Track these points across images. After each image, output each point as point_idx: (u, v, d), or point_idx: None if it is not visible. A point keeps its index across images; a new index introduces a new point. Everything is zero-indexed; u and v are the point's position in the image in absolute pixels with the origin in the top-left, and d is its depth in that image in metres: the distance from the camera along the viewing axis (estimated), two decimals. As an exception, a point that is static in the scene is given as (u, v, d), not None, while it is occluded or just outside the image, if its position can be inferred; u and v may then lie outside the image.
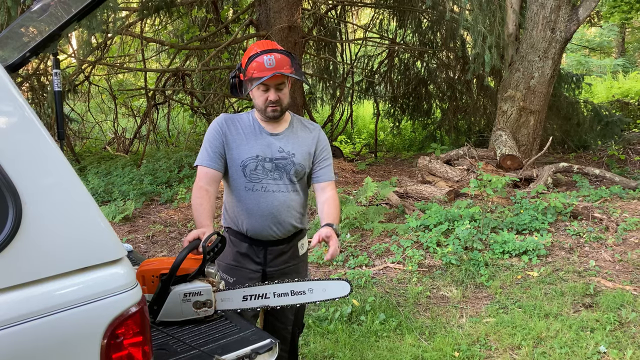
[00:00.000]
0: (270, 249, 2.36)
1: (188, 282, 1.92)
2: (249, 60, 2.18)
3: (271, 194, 2.29)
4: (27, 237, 1.23)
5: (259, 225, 2.29)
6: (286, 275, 2.38)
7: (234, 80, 2.31)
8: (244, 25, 9.84)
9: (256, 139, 2.29)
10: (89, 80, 10.57)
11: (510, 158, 6.44)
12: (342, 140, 11.95)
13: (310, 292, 1.96)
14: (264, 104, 2.23)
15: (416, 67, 11.55)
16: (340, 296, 2.01)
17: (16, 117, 1.29)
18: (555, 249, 4.54)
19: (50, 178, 1.30)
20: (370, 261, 4.58)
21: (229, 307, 1.94)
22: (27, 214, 1.23)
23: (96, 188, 7.50)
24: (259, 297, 1.94)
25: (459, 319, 3.64)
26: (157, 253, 5.40)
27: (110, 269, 1.35)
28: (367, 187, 5.47)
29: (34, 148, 1.29)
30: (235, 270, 2.36)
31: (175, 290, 1.89)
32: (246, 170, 2.26)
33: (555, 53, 6.71)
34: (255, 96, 2.25)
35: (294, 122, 2.41)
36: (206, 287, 1.90)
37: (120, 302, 1.34)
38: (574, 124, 8.67)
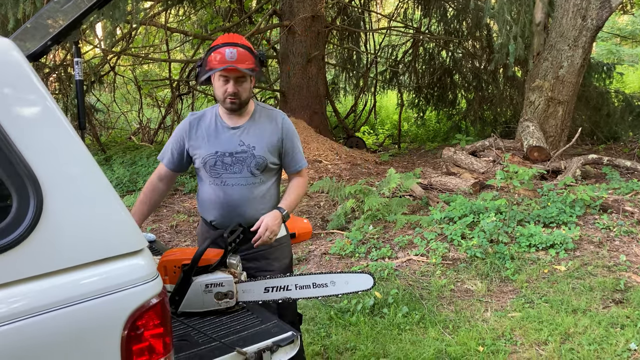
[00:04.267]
0: None
1: (210, 273, 1.91)
2: (210, 50, 2.22)
3: (230, 188, 2.33)
4: (48, 227, 1.23)
5: (222, 217, 2.36)
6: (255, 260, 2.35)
7: (199, 68, 2.30)
8: (267, 15, 9.83)
9: (217, 136, 2.34)
10: (115, 70, 10.68)
11: (538, 149, 6.30)
12: (365, 131, 11.86)
13: (333, 284, 1.94)
14: (223, 95, 2.27)
15: (441, 56, 11.39)
16: (363, 289, 1.98)
17: (38, 107, 1.29)
18: (583, 242, 4.43)
19: (71, 168, 1.29)
20: (393, 253, 4.53)
21: (251, 299, 1.93)
22: (48, 204, 1.23)
23: (121, 177, 7.59)
24: (280, 289, 1.93)
25: (483, 313, 3.58)
26: (180, 243, 5.44)
27: (131, 260, 1.34)
28: (390, 179, 5.41)
29: (55, 138, 1.28)
30: None
31: (196, 281, 1.89)
32: (206, 167, 2.33)
33: (586, 42, 6.52)
34: (215, 87, 2.28)
35: (256, 113, 2.40)
36: (228, 278, 1.89)
37: (141, 293, 1.33)
38: (604, 114, 8.45)
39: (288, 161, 2.45)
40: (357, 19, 11.22)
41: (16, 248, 1.19)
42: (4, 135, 1.20)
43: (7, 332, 1.17)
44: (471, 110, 10.93)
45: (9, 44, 1.29)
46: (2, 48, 1.27)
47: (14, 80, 1.26)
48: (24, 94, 1.27)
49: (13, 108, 1.24)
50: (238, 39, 2.24)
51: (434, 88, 11.45)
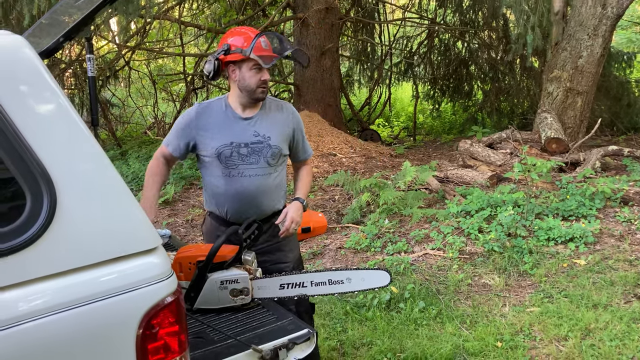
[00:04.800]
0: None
1: (225, 269, 1.90)
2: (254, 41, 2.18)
3: (248, 179, 2.31)
4: (61, 226, 1.21)
5: (238, 209, 2.32)
6: (269, 253, 2.38)
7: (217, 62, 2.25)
8: (281, 8, 9.78)
9: (230, 126, 2.31)
10: (129, 65, 10.72)
11: (556, 141, 6.20)
12: (380, 123, 11.78)
13: (349, 281, 1.92)
14: (256, 84, 2.26)
15: (457, 47, 11.25)
16: (380, 286, 1.96)
17: (50, 104, 1.27)
18: (604, 236, 4.35)
19: (84, 166, 1.28)
20: (409, 247, 4.50)
21: (266, 296, 1.91)
22: (62, 202, 1.22)
23: (137, 172, 7.63)
24: (296, 286, 1.91)
25: (501, 308, 3.54)
26: (196, 237, 5.45)
27: (146, 258, 1.33)
28: (406, 172, 5.36)
29: (68, 136, 1.27)
30: None
31: (212, 277, 1.88)
32: (221, 158, 2.29)
33: (606, 30, 6.38)
34: (246, 77, 2.26)
35: (266, 104, 2.41)
36: (243, 274, 1.88)
37: (156, 291, 1.32)
38: (624, 105, 8.29)
39: (299, 150, 2.49)
40: (372, 10, 11.11)
41: (30, 247, 1.18)
42: (16, 133, 1.19)
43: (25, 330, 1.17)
44: (487, 101, 10.79)
45: (21, 41, 1.28)
46: (14, 45, 1.26)
47: (26, 77, 1.25)
48: (36, 92, 1.26)
49: (25, 106, 1.23)
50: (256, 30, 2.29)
51: (450, 79, 11.32)
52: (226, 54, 2.23)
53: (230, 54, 2.22)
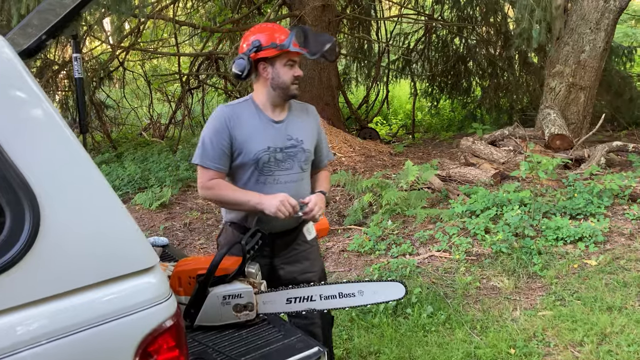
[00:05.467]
0: (277, 241, 2.25)
1: (227, 283, 1.77)
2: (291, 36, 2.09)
3: (283, 185, 2.18)
4: (46, 245, 1.08)
5: (270, 218, 2.14)
6: (297, 262, 2.29)
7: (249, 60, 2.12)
8: (277, 6, 9.63)
9: (265, 129, 2.17)
10: (124, 66, 10.57)
11: (560, 137, 6.09)
12: (378, 121, 11.65)
13: (360, 294, 1.79)
14: (291, 80, 2.16)
15: (454, 43, 11.13)
16: (394, 299, 1.83)
17: (32, 108, 1.14)
18: (613, 235, 4.24)
19: (71, 178, 1.14)
20: (414, 249, 4.37)
21: (272, 311, 1.79)
22: (46, 219, 1.09)
23: (133, 175, 7.48)
24: (304, 300, 1.78)
25: (512, 312, 3.42)
26: (194, 241, 5.32)
27: (141, 278, 1.20)
28: (409, 171, 5.23)
29: (52, 145, 1.13)
30: None
31: (213, 292, 1.75)
32: (259, 164, 2.15)
33: (608, 24, 6.26)
34: (281, 73, 2.15)
35: (292, 107, 2.30)
36: (247, 288, 1.75)
37: (153, 315, 1.19)
38: (626, 99, 8.18)
39: (322, 154, 2.40)
40: (368, 7, 10.98)
41: (11, 271, 1.05)
42: (-7, 142, 1.06)
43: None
44: (486, 98, 10.69)
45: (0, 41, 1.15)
46: (-10, 44, 1.13)
47: (4, 79, 1.11)
48: (16, 95, 1.12)
49: (3, 110, 1.10)
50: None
51: (448, 76, 11.21)
52: (258, 51, 2.10)
53: (262, 51, 2.10)
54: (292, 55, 2.13)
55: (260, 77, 2.17)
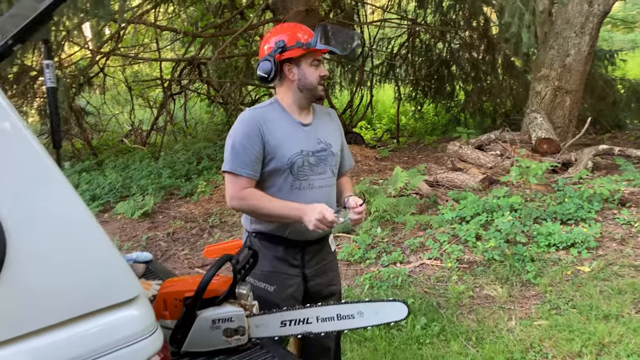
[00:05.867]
0: (307, 249, 2.14)
1: (217, 306, 1.64)
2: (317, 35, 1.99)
3: (318, 190, 2.08)
4: (13, 277, 0.96)
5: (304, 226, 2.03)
6: (324, 274, 2.21)
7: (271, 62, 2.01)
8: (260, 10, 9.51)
9: (296, 133, 2.05)
10: (104, 72, 10.35)
11: (547, 141, 6.06)
12: (363, 126, 11.59)
13: (360, 315, 1.68)
14: (317, 80, 2.06)
15: (438, 48, 11.12)
16: (396, 320, 1.73)
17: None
18: (605, 240, 4.19)
19: (41, 200, 1.02)
20: (404, 257, 4.28)
21: (265, 334, 1.67)
22: (13, 247, 0.96)
23: (114, 183, 7.30)
24: (299, 322, 1.67)
25: (507, 322, 3.34)
26: (178, 251, 5.17)
27: (123, 311, 1.08)
28: (397, 177, 5.15)
29: (20, 162, 1.01)
30: (273, 276, 2.10)
31: (202, 316, 1.62)
32: (294, 168, 2.03)
33: (593, 28, 6.27)
34: (307, 74, 2.04)
35: (316, 110, 2.19)
36: (238, 311, 1.63)
37: (137, 353, 1.07)
38: (609, 102, 8.21)
39: (345, 159, 2.29)
40: (351, 12, 10.92)
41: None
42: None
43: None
44: (470, 101, 10.69)
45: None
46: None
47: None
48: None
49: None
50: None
51: (432, 80, 11.19)
52: (283, 52, 1.99)
53: (287, 51, 1.99)
54: (318, 54, 2.03)
55: (285, 79, 2.06)
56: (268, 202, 1.98)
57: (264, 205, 1.97)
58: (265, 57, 2.02)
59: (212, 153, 8.54)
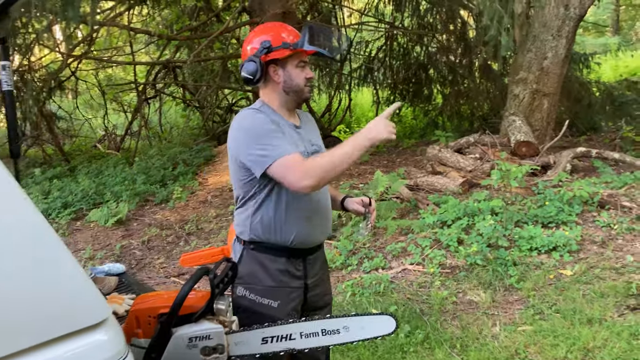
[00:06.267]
0: (308, 258, 2.05)
1: (193, 322, 1.54)
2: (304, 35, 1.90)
3: (323, 193, 2.03)
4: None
5: (310, 232, 1.98)
6: (322, 283, 2.14)
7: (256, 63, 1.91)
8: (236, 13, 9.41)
9: (291, 135, 1.96)
10: (76, 75, 10.11)
11: (526, 144, 6.07)
12: (341, 129, 11.53)
13: (346, 330, 1.60)
14: (304, 82, 1.98)
15: (415, 51, 11.14)
16: (383, 334, 1.65)
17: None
18: (586, 243, 4.18)
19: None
20: (386, 263, 4.22)
21: (246, 352, 1.57)
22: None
23: (87, 189, 7.10)
24: (282, 339, 1.57)
25: (491, 328, 3.29)
26: (153, 260, 5.02)
27: (90, 336, 0.97)
28: (378, 182, 5.09)
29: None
30: (277, 291, 1.97)
31: (178, 334, 1.52)
32: None
33: (569, 31, 6.31)
34: (293, 76, 1.95)
35: (298, 113, 2.12)
36: (216, 328, 1.53)
37: (105, 382, 0.97)
38: (585, 105, 8.30)
39: None
40: (329, 15, 10.88)
41: None
42: None
43: None
44: (447, 105, 10.71)
45: None
46: None
47: None
48: None
49: None
50: None
51: (409, 84, 11.19)
52: (268, 52, 1.89)
53: (273, 52, 1.89)
54: (303, 56, 1.95)
55: (270, 81, 1.97)
56: (332, 154, 1.77)
57: (333, 159, 1.76)
58: (249, 57, 1.93)
59: (188, 158, 8.38)
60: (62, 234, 5.88)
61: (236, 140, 1.90)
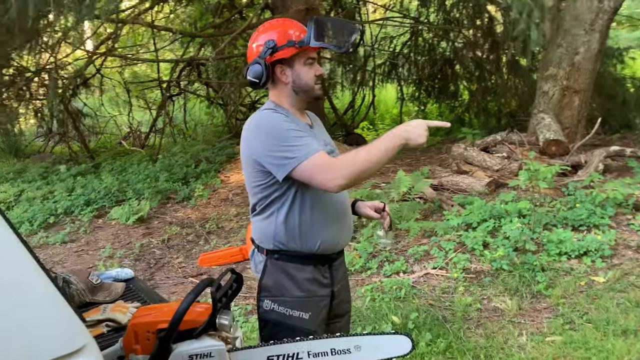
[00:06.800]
0: (334, 265, 1.97)
1: (194, 338, 1.45)
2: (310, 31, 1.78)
3: (345, 194, 1.95)
4: None
5: (335, 236, 1.90)
6: (344, 290, 2.07)
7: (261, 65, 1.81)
8: (259, 10, 9.34)
9: (309, 134, 1.86)
10: (101, 73, 10.18)
11: (556, 143, 5.84)
12: (365, 126, 11.39)
13: (358, 350, 1.48)
14: (313, 80, 1.87)
15: (441, 47, 10.91)
16: (398, 355, 1.53)
17: None
18: (620, 248, 3.98)
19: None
20: (408, 267, 4.08)
21: (250, 371, 1.47)
22: None
23: (110, 187, 7.11)
24: (288, 358, 1.47)
25: (518, 338, 3.13)
26: (172, 259, 4.97)
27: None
28: (400, 182, 4.94)
29: None
30: (307, 302, 1.87)
31: (177, 350, 1.43)
32: None
33: (603, 25, 6.05)
34: (302, 75, 1.85)
35: (308, 113, 2.04)
36: (218, 345, 1.43)
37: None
38: (619, 102, 7.98)
39: None
40: (352, 11, 10.72)
41: None
42: None
43: None
44: (474, 101, 10.46)
45: None
46: None
47: None
48: None
49: None
50: None
51: (435, 80, 10.98)
52: (273, 53, 1.80)
53: (279, 51, 1.80)
54: (312, 52, 1.85)
55: (278, 82, 1.87)
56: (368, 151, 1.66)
57: (369, 156, 1.64)
58: (255, 59, 1.83)
59: (211, 155, 8.34)
60: (83, 231, 5.90)
61: (253, 142, 1.80)
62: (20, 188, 7.57)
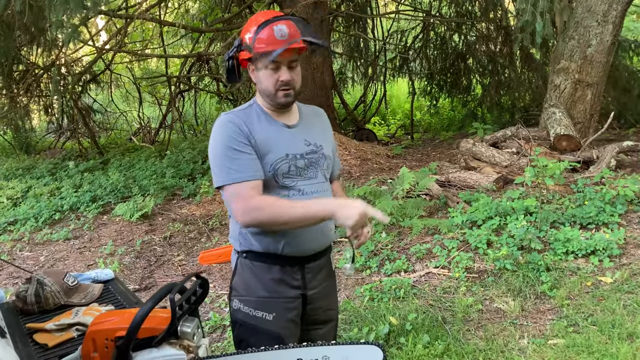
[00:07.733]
0: (308, 267, 1.87)
1: (154, 347, 1.37)
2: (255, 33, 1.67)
3: (309, 197, 1.81)
4: None
5: (300, 241, 1.80)
6: (325, 297, 1.96)
7: (231, 61, 1.77)
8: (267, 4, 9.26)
9: (279, 135, 1.78)
10: (110, 69, 10.20)
11: (566, 138, 5.67)
12: (376, 122, 11.26)
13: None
14: (274, 86, 1.74)
15: (453, 40, 10.73)
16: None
17: None
18: (629, 247, 3.83)
19: None
20: (409, 266, 3.98)
21: (213, 381, 1.40)
22: None
23: (116, 183, 7.10)
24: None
25: (519, 340, 3.02)
26: (172, 257, 4.93)
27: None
28: (403, 178, 4.84)
29: None
30: (270, 303, 1.82)
31: (136, 359, 1.36)
32: (278, 176, 1.76)
33: (617, 16, 5.85)
34: (262, 78, 1.75)
35: (302, 109, 1.94)
36: (178, 355, 1.35)
37: None
38: (634, 95, 7.76)
39: (335, 162, 2.06)
40: (363, 4, 10.59)
41: None
42: None
43: None
44: (487, 96, 10.28)
45: None
46: None
47: None
48: None
49: None
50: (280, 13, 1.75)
51: (447, 74, 10.83)
52: (239, 50, 1.74)
53: (242, 51, 1.74)
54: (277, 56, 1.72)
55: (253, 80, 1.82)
56: (289, 205, 1.67)
57: (284, 210, 1.65)
58: (227, 54, 1.76)
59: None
60: (87, 228, 5.88)
61: (210, 142, 1.77)
62: (29, 184, 7.59)
